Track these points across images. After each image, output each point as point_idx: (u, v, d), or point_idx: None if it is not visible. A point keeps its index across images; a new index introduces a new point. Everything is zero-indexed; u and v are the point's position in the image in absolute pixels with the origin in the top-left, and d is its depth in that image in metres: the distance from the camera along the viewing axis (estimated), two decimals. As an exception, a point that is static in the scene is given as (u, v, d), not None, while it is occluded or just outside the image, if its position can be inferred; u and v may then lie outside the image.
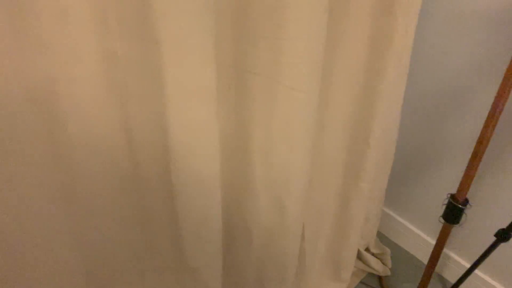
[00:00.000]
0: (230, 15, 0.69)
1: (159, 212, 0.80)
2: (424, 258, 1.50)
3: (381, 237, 1.61)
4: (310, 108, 0.82)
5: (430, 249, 1.19)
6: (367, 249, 1.48)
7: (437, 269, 1.29)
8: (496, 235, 1.06)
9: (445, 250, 1.21)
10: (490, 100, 0.88)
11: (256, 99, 0.78)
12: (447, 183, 1.30)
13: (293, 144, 0.84)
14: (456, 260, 1.40)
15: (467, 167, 0.94)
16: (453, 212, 1.00)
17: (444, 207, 1.04)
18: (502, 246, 1.05)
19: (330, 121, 0.96)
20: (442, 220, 1.04)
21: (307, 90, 0.78)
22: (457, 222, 1.01)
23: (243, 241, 1.00)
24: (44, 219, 0.65)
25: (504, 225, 1.02)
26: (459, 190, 0.97)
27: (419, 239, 1.50)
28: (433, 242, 1.43)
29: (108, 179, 0.71)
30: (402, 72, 1.03)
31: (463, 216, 1.01)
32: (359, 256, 1.44)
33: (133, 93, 0.66)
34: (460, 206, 0.98)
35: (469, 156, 0.94)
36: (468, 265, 1.22)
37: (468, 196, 0.99)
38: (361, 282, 1.44)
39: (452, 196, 1.00)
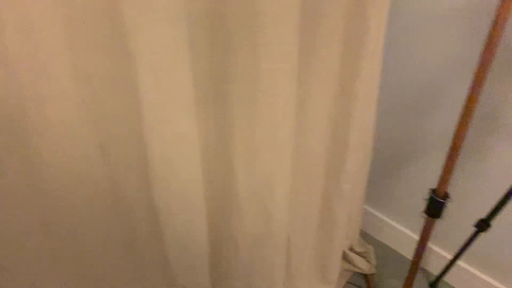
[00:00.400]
0: (205, 23, 0.67)
1: (144, 230, 0.77)
2: (407, 253, 1.51)
3: (364, 235, 1.62)
4: (289, 112, 0.81)
5: (413, 244, 1.20)
6: (351, 249, 1.48)
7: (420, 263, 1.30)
8: (476, 225, 1.08)
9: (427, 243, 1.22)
10: (465, 93, 0.89)
11: (236, 107, 0.76)
12: (427, 178, 1.32)
13: (275, 149, 0.82)
14: (439, 253, 1.42)
15: (446, 161, 0.95)
16: (435, 206, 1.01)
17: (425, 202, 1.05)
18: (483, 236, 1.07)
19: (309, 124, 0.95)
20: (424, 215, 1.05)
21: (285, 94, 0.77)
22: (439, 216, 1.03)
23: (229, 252, 0.97)
24: (25, 250, 0.62)
25: (483, 215, 1.05)
26: (439, 184, 0.99)
27: (401, 234, 1.52)
28: (415, 236, 1.45)
29: (87, 200, 0.68)
30: (375, 71, 1.04)
31: (444, 209, 1.02)
32: (344, 256, 1.44)
33: (107, 109, 0.64)
34: (441, 200, 0.99)
35: (447, 150, 0.95)
36: (451, 257, 1.24)
37: (448, 188, 1.00)
38: (348, 282, 1.45)
39: (433, 191, 1.01)
